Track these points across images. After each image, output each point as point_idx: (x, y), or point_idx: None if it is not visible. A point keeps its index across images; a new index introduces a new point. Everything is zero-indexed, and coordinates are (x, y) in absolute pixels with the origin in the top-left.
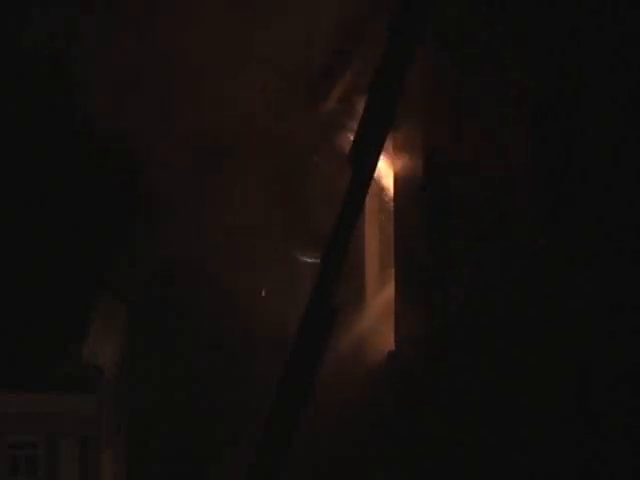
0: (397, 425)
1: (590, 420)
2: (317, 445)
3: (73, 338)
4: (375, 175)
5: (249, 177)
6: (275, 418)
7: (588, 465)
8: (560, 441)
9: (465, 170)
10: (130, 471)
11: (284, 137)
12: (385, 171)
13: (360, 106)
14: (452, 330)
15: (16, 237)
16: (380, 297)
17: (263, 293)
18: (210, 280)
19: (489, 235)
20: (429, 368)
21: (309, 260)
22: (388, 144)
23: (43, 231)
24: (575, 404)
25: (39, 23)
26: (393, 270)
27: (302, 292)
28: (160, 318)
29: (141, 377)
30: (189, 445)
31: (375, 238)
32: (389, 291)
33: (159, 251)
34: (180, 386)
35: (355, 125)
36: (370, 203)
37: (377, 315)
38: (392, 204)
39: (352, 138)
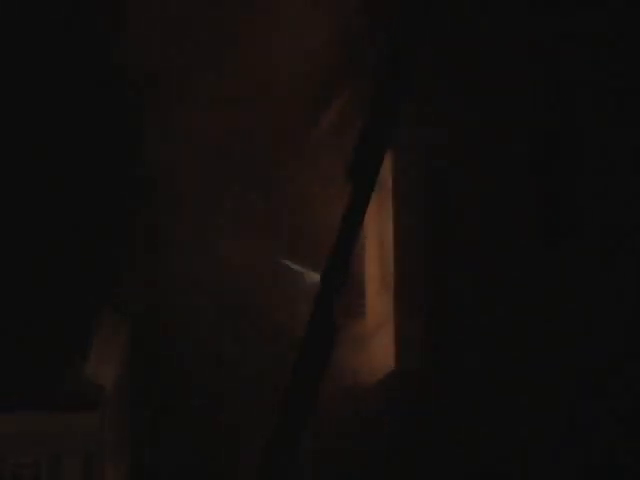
0: (398, 440)
1: (591, 420)
2: (318, 460)
3: (75, 356)
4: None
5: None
6: (277, 437)
7: (588, 465)
8: (560, 441)
9: (465, 186)
10: None
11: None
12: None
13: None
14: (453, 345)
15: (15, 254)
16: (380, 314)
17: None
18: (212, 293)
19: (490, 248)
20: (430, 385)
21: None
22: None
23: (43, 247)
24: (575, 404)
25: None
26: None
27: (305, 301)
28: (162, 332)
29: (143, 392)
30: (193, 460)
31: (375, 254)
32: (389, 308)
33: (161, 264)
34: (182, 400)
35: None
36: (370, 218)
37: (377, 333)
38: (392, 219)
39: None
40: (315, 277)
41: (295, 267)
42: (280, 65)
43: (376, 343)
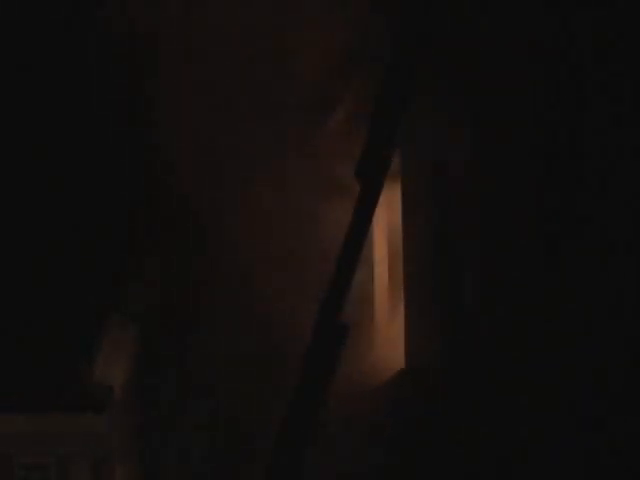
0: (406, 440)
1: (591, 420)
2: (326, 462)
3: (83, 357)
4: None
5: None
6: (287, 438)
7: (589, 465)
8: (560, 441)
9: (466, 186)
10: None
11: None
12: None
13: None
14: (454, 345)
15: (25, 256)
16: (389, 313)
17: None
18: (224, 292)
19: (490, 248)
20: (441, 384)
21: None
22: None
23: (53, 247)
24: (575, 404)
25: None
26: (402, 286)
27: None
28: (171, 333)
29: (152, 394)
30: (203, 462)
31: (384, 253)
32: (399, 307)
33: (170, 266)
34: (192, 400)
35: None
36: (379, 217)
37: (387, 332)
38: (401, 219)
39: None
40: None
41: None
42: (286, 65)
43: (385, 342)
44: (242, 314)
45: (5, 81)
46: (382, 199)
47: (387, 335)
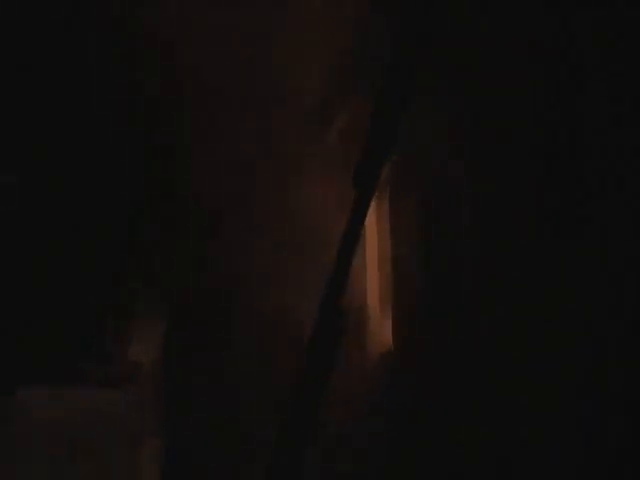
0: (397, 426)
1: (591, 421)
2: (326, 462)
3: (113, 335)
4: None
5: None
6: (287, 438)
7: (589, 466)
8: (560, 441)
9: (465, 186)
10: (169, 468)
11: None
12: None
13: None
14: (453, 345)
15: (25, 256)
16: (378, 298)
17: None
18: (224, 292)
19: (490, 248)
20: (427, 369)
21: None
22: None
23: (53, 247)
24: (575, 404)
25: None
26: (391, 271)
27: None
28: (201, 313)
29: (181, 373)
30: (225, 443)
31: (374, 242)
32: (387, 292)
33: (170, 267)
34: (217, 385)
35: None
36: (369, 213)
37: (374, 316)
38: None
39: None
40: None
41: None
42: (286, 65)
43: (374, 342)
44: (242, 314)
45: (4, 81)
46: (380, 199)
47: (375, 319)
